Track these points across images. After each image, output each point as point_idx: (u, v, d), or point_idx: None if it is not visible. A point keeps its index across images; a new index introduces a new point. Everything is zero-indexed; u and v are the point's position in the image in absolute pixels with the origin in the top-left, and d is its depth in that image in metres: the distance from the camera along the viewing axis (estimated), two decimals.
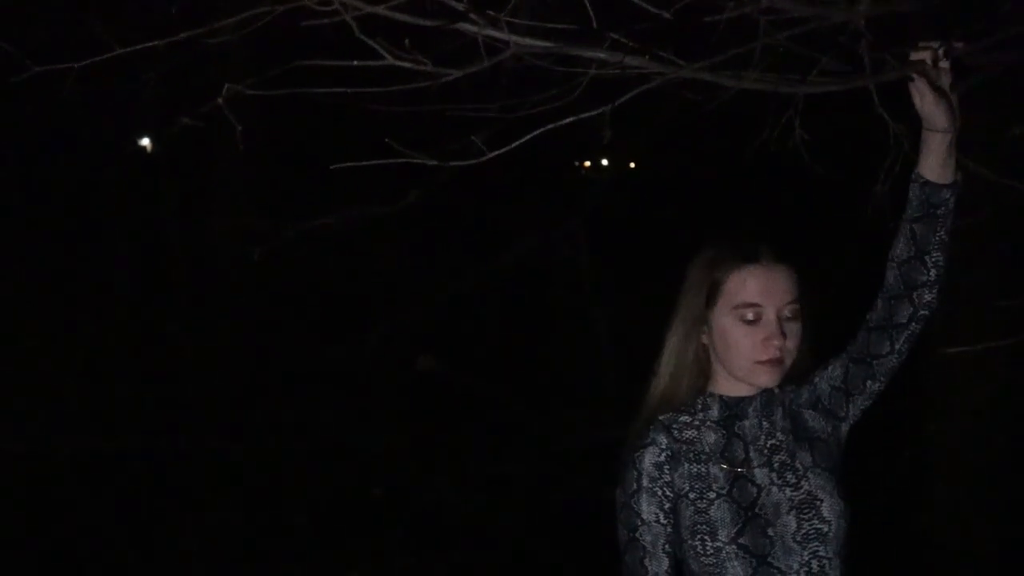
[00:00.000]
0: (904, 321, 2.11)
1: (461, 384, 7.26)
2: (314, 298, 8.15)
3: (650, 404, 2.15)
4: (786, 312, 2.08)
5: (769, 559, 2.02)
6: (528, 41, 1.62)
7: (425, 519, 6.21)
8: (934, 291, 2.10)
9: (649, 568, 2.04)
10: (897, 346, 2.12)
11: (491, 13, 1.64)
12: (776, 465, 2.08)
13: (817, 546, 2.03)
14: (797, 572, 2.02)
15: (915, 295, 2.10)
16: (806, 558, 2.03)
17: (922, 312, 2.11)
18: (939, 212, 2.06)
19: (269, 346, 7.66)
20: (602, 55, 1.64)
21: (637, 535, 2.05)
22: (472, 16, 1.61)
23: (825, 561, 2.04)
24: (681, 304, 2.15)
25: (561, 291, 7.94)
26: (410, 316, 7.27)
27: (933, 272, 2.09)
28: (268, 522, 6.24)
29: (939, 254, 2.08)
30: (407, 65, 1.66)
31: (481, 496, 6.36)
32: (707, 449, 2.08)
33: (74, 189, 8.24)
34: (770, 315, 2.07)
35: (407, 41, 1.65)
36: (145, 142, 8.93)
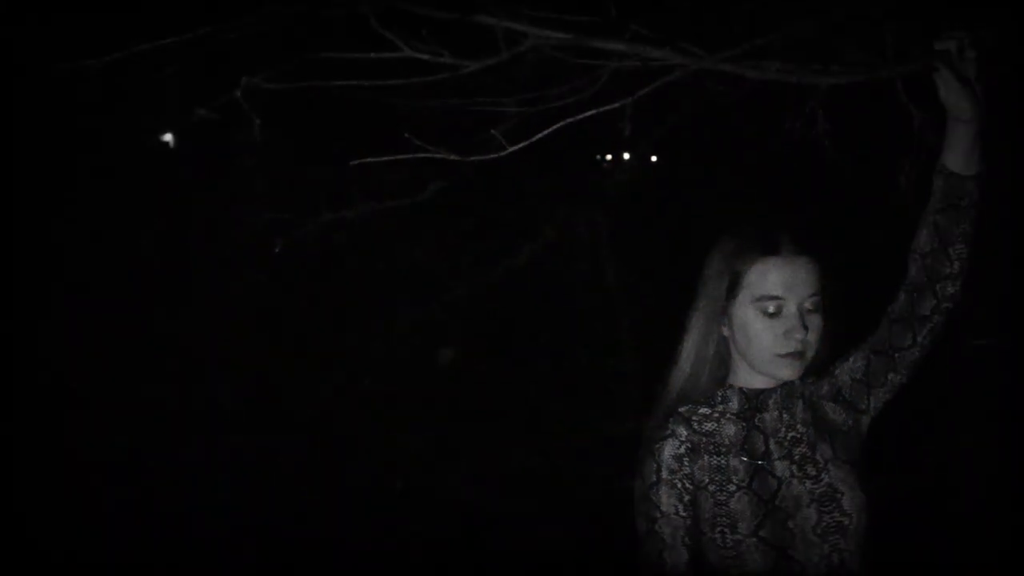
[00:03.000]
0: (927, 314, 2.09)
1: (481, 377, 7.26)
2: (334, 291, 8.18)
3: (670, 396, 2.15)
4: (808, 304, 2.07)
5: (789, 552, 2.01)
6: (547, 33, 1.61)
7: (446, 512, 6.23)
8: (957, 283, 2.08)
9: (668, 560, 2.03)
10: (919, 339, 2.11)
11: (510, 4, 1.63)
12: (796, 457, 2.08)
13: (838, 539, 2.02)
14: (817, 565, 2.01)
15: (938, 287, 2.08)
16: (826, 551, 2.02)
17: (945, 305, 2.09)
18: (963, 204, 2.04)
19: (290, 339, 7.69)
20: (623, 47, 1.63)
21: (656, 527, 2.05)
22: (491, 7, 1.61)
23: (846, 554, 2.03)
24: (701, 296, 2.14)
25: (582, 283, 7.94)
26: (430, 309, 7.29)
27: (956, 264, 2.07)
28: (287, 515, 6.27)
29: (963, 246, 2.06)
30: (425, 57, 1.66)
31: (502, 489, 6.36)
32: (727, 441, 2.08)
33: (95, 184, 8.29)
34: (791, 308, 2.06)
35: (424, 32, 1.64)
36: (168, 137, 8.97)
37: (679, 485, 2.05)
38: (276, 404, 7.13)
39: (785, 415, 2.11)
